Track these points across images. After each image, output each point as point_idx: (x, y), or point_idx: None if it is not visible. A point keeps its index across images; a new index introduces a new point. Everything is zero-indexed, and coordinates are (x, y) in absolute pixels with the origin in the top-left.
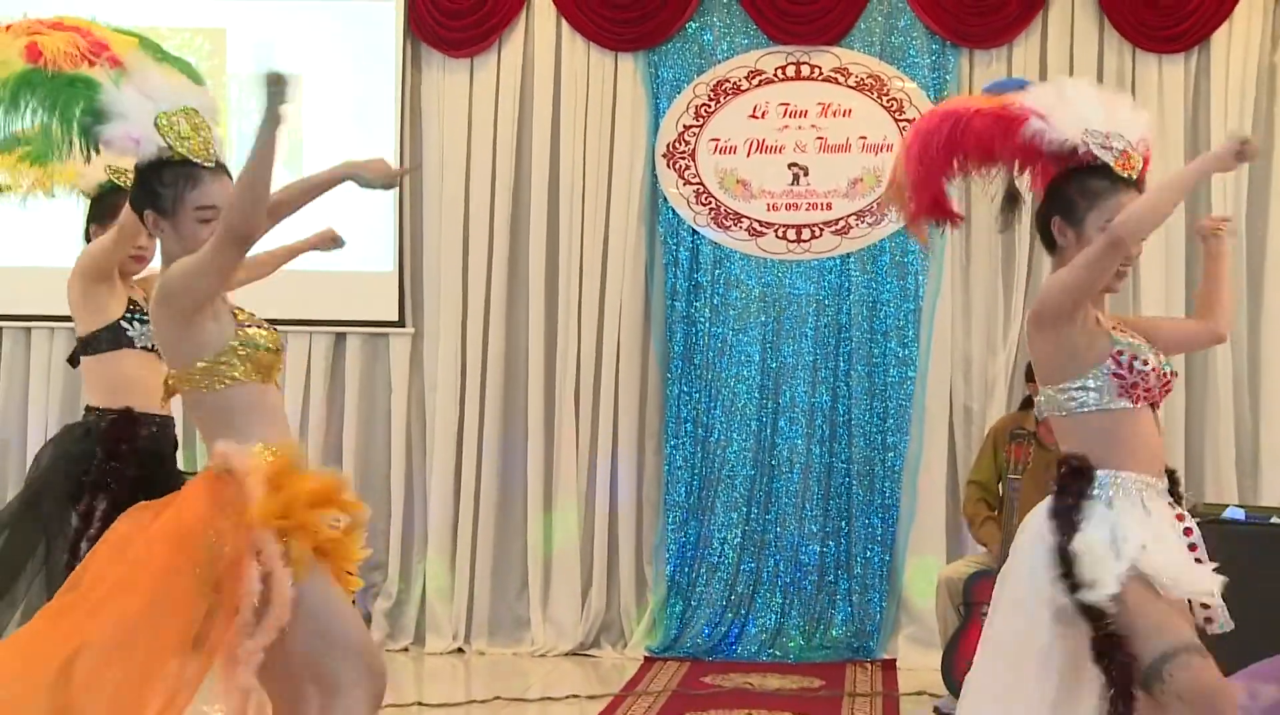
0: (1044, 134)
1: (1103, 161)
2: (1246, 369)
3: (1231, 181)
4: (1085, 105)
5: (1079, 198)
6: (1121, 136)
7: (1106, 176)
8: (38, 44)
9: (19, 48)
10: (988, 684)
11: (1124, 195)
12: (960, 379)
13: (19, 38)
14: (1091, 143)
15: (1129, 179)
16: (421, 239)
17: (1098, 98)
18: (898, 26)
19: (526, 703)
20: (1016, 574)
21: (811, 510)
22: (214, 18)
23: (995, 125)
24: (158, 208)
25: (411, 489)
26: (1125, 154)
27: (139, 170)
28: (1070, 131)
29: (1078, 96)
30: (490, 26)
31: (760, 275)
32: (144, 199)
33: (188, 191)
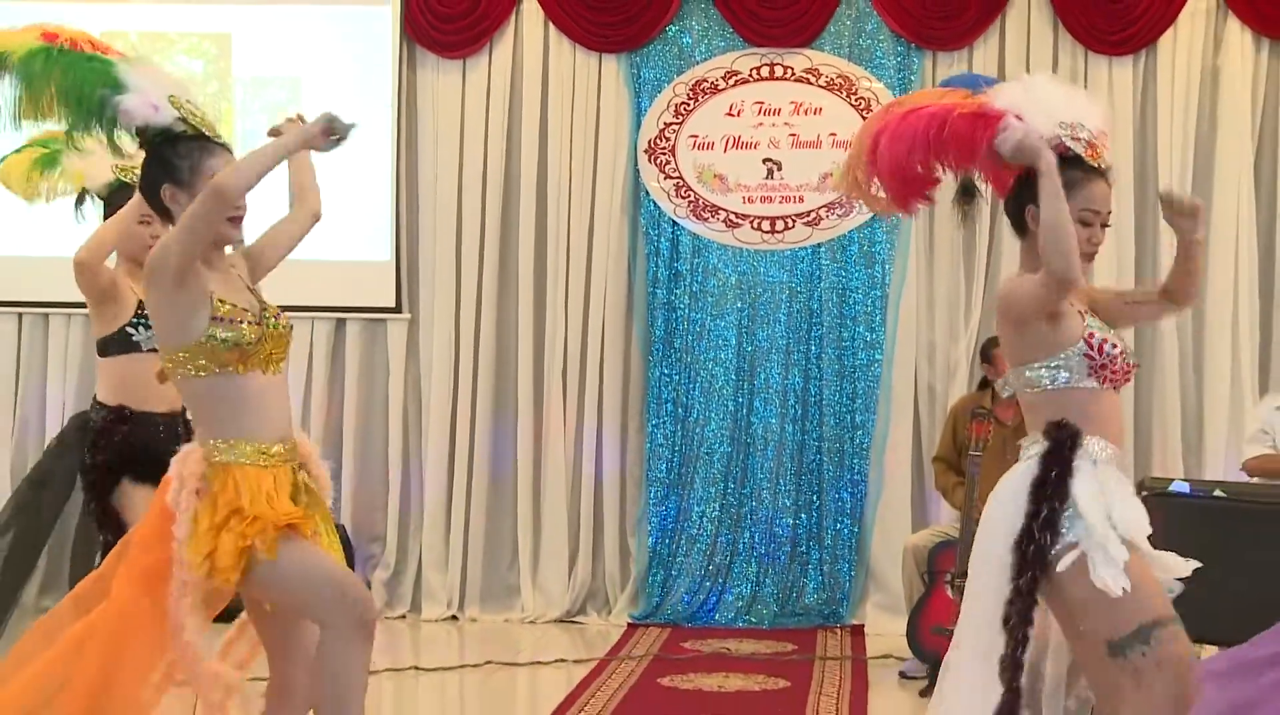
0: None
1: (1074, 152)
2: (1191, 351)
3: (1177, 174)
4: (1052, 100)
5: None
6: (1084, 126)
7: (1079, 166)
8: (56, 31)
9: (35, 34)
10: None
11: (1096, 186)
12: (924, 362)
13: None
14: (1064, 135)
15: (1100, 169)
16: (417, 230)
17: (1060, 91)
18: (865, 30)
19: (517, 667)
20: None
21: (785, 485)
22: (220, 23)
23: (976, 126)
24: (175, 179)
25: (408, 466)
26: (1091, 144)
27: (152, 148)
28: (1045, 127)
29: (1044, 92)
30: (481, 29)
31: (736, 264)
32: (160, 173)
33: (203, 161)
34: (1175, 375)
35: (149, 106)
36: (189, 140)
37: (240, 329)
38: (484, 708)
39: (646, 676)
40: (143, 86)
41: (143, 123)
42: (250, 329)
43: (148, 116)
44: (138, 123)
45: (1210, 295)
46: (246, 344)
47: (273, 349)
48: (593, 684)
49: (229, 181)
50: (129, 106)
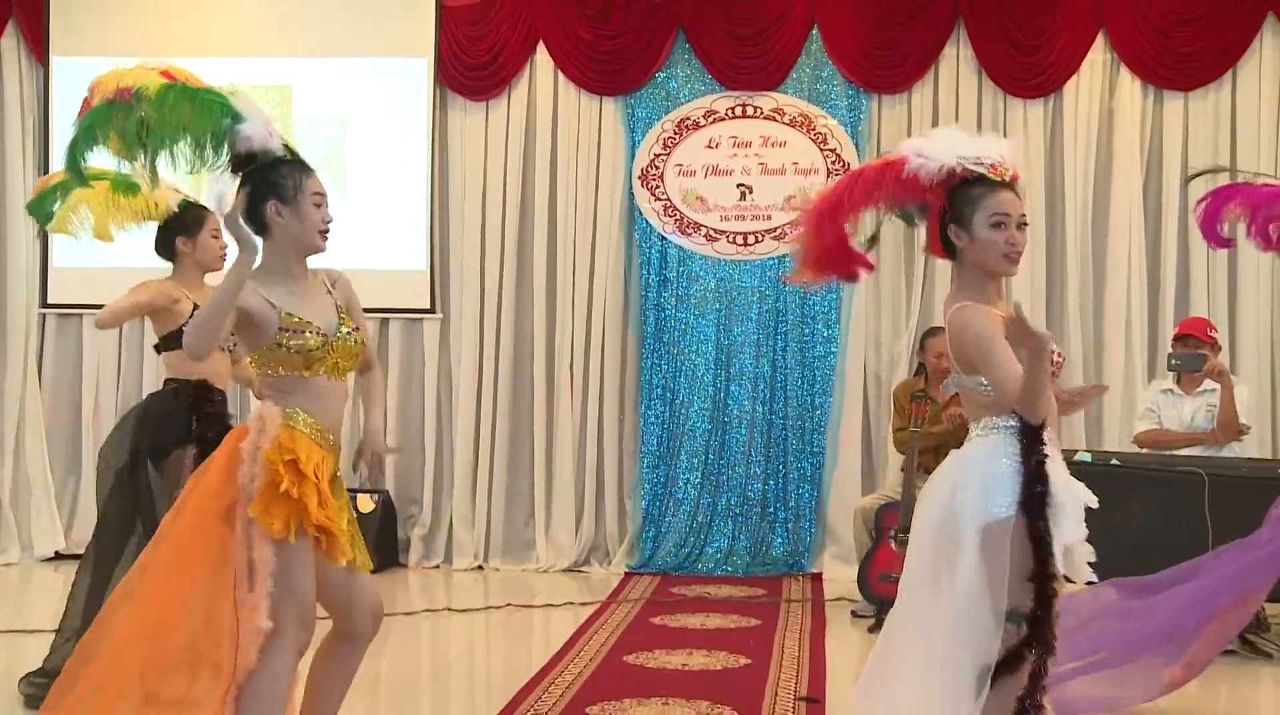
0: (923, 166)
1: (978, 174)
2: (1092, 343)
3: (1081, 196)
4: (954, 139)
5: (964, 206)
6: (991, 154)
7: (983, 183)
8: (170, 70)
9: (156, 73)
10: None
11: (1002, 194)
12: (871, 353)
13: (148, 70)
14: (964, 162)
15: (1003, 181)
16: (448, 244)
17: (964, 134)
18: (822, 76)
19: (533, 608)
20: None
21: (755, 456)
22: (282, 76)
23: (882, 173)
24: (281, 196)
25: (441, 441)
26: (994, 166)
27: (253, 173)
28: (944, 158)
29: (947, 134)
30: (501, 77)
31: (715, 272)
32: (266, 191)
33: (304, 180)
34: (1079, 364)
35: (266, 133)
36: (289, 163)
37: (305, 338)
38: (506, 642)
39: (641, 616)
40: (257, 116)
41: (261, 147)
42: (314, 339)
43: (265, 141)
44: (255, 147)
45: (1108, 298)
46: (310, 351)
47: (339, 359)
48: (596, 622)
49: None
50: (249, 133)
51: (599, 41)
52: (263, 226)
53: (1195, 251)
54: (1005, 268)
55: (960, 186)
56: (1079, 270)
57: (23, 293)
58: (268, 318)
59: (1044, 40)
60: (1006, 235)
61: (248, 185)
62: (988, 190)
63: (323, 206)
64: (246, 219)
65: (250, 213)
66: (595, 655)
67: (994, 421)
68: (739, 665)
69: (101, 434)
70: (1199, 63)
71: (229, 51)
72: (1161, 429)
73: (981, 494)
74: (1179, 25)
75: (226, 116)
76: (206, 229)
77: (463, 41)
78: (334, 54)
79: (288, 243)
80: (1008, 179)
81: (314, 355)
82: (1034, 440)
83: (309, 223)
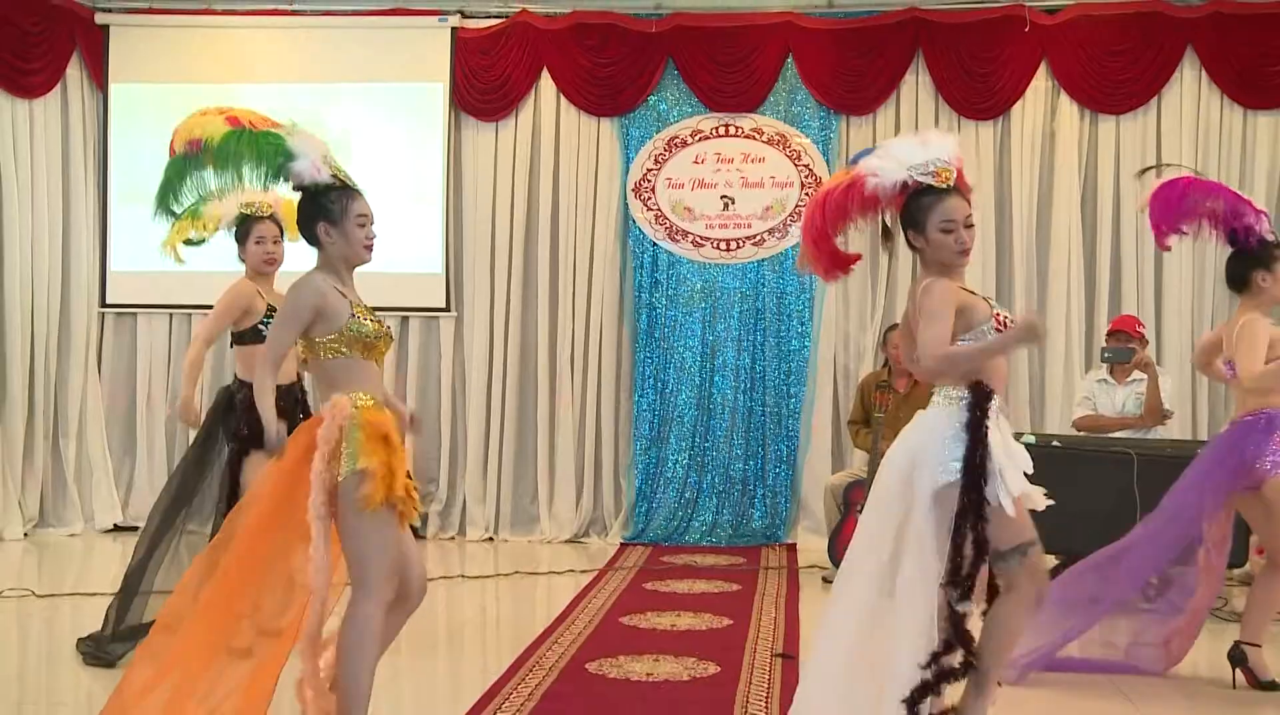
0: (879, 184)
1: (925, 183)
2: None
3: (1027, 208)
4: (904, 151)
5: (917, 213)
6: (937, 159)
7: (932, 192)
8: (235, 115)
9: (221, 120)
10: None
11: (948, 201)
12: (841, 348)
13: (217, 116)
14: (914, 174)
15: (948, 187)
16: (462, 249)
17: (913, 140)
18: (796, 99)
19: (537, 575)
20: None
21: (737, 440)
22: (314, 99)
23: (847, 193)
24: (329, 219)
25: (455, 426)
26: (937, 172)
27: (307, 196)
28: (897, 174)
29: (896, 149)
30: (510, 100)
31: (701, 274)
32: (316, 214)
33: (350, 204)
34: (1024, 353)
35: (314, 169)
36: (338, 189)
37: (368, 325)
38: (514, 606)
39: (634, 582)
40: (307, 152)
41: (310, 181)
42: (375, 326)
43: (314, 176)
44: (305, 182)
45: (1050, 296)
46: (371, 337)
47: (384, 346)
48: (594, 588)
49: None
50: (299, 169)
51: (597, 69)
52: (316, 241)
53: (1126, 257)
54: (958, 262)
55: (913, 197)
56: (1024, 273)
57: (84, 294)
58: (341, 307)
59: (993, 69)
60: (956, 236)
61: (304, 206)
62: (936, 199)
63: (366, 226)
64: (303, 234)
65: (304, 230)
66: (594, 617)
67: (950, 392)
68: (722, 625)
69: (154, 420)
70: (1128, 89)
71: (267, 78)
72: (1096, 414)
73: (934, 460)
74: (1110, 56)
75: (281, 156)
76: (251, 237)
77: (475, 69)
78: (362, 79)
79: (337, 256)
80: (953, 184)
81: (370, 341)
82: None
83: (354, 241)
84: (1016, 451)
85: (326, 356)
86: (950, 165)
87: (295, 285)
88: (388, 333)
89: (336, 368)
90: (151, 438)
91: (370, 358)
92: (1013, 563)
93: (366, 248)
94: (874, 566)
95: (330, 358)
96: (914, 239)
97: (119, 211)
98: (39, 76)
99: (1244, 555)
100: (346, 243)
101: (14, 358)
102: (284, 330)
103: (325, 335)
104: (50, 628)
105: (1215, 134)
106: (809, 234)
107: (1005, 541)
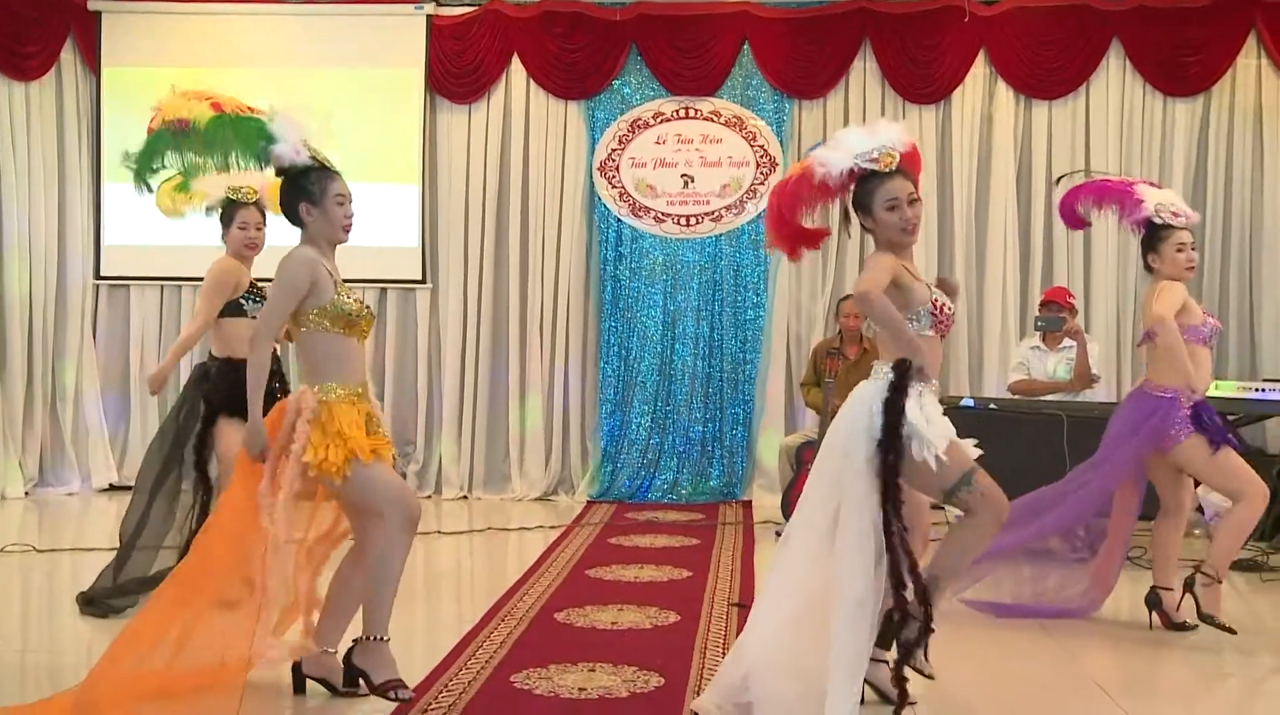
0: (827, 173)
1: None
2: (975, 309)
3: (966, 188)
4: (851, 140)
5: (865, 197)
6: (881, 146)
7: (876, 176)
8: (218, 101)
9: (205, 105)
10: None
11: (891, 182)
12: (793, 317)
13: (200, 100)
14: (859, 161)
15: (891, 170)
16: (437, 226)
17: (862, 130)
18: (751, 84)
19: (509, 531)
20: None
21: (696, 403)
22: (298, 84)
23: (799, 183)
24: (309, 199)
25: (432, 392)
26: (880, 158)
27: (289, 177)
28: (843, 163)
29: (846, 137)
30: (482, 84)
31: (663, 249)
32: (297, 195)
33: (329, 184)
34: (964, 324)
35: (294, 151)
36: (317, 171)
37: (350, 303)
38: (487, 559)
39: (600, 537)
40: (288, 136)
41: (290, 163)
42: (357, 305)
43: (293, 158)
44: (285, 164)
45: (987, 269)
46: (352, 314)
47: (365, 325)
48: (563, 543)
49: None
50: (279, 153)
51: (564, 55)
52: (299, 221)
53: (1058, 233)
54: (905, 239)
55: (860, 182)
56: (964, 248)
57: (79, 267)
58: (327, 282)
59: (935, 57)
60: (900, 214)
61: (286, 189)
62: (880, 181)
63: (345, 205)
64: (285, 215)
65: (287, 211)
66: (562, 570)
67: (882, 367)
68: (682, 577)
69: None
70: (1060, 77)
71: (253, 64)
72: (1030, 379)
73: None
74: (1042, 46)
75: (262, 139)
76: (235, 222)
77: (450, 54)
78: (343, 65)
79: (318, 235)
80: (896, 167)
81: (352, 318)
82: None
83: (333, 219)
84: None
85: (312, 329)
86: (893, 150)
87: (287, 258)
88: (369, 312)
89: (318, 345)
90: (144, 402)
91: (352, 335)
92: (962, 493)
93: (345, 227)
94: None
95: (314, 331)
96: (864, 221)
97: (112, 188)
98: (34, 60)
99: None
100: (326, 221)
101: (13, 327)
102: (282, 301)
103: (311, 309)
104: (51, 581)
105: (1138, 119)
106: (771, 222)
107: (948, 480)
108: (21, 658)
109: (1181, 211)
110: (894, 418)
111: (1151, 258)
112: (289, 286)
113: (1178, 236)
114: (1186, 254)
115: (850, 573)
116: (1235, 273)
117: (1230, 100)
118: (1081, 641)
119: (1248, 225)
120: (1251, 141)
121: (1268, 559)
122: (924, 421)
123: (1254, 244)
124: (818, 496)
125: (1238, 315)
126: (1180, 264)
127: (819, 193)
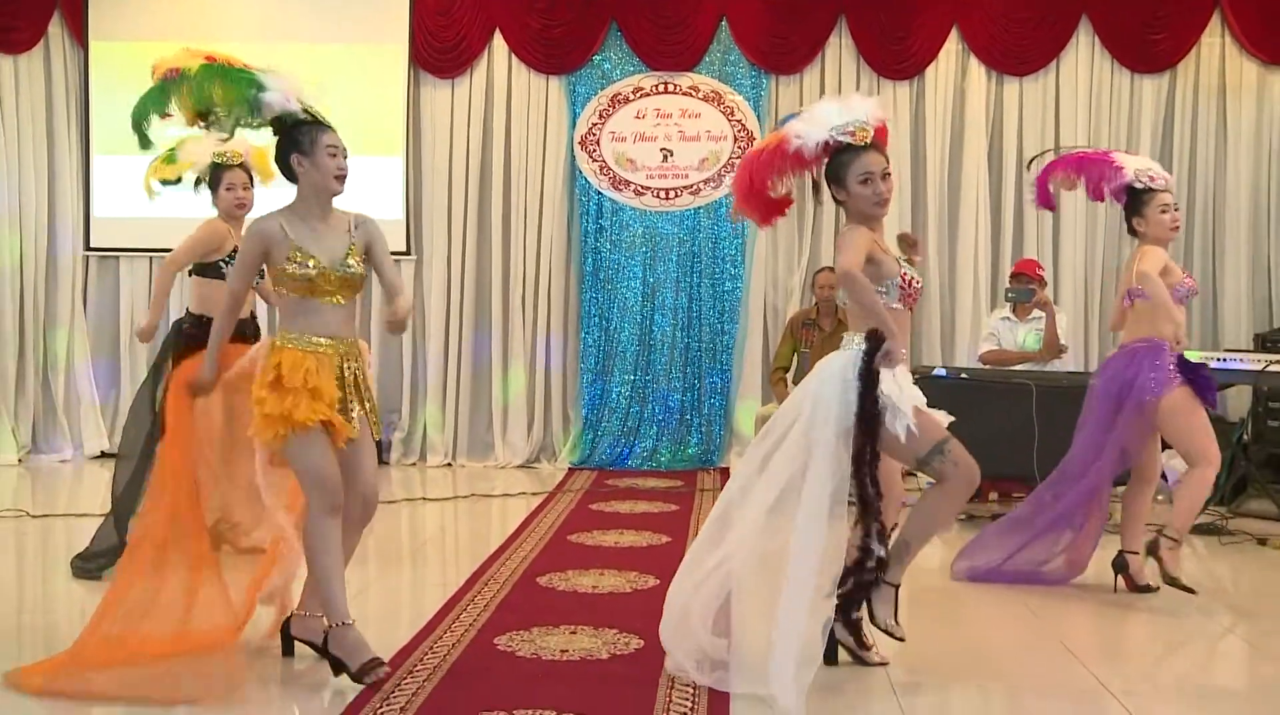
0: (802, 145)
1: (845, 143)
2: (948, 281)
3: (938, 163)
4: (826, 113)
5: (839, 169)
6: (855, 120)
7: (851, 149)
8: (213, 55)
9: (200, 57)
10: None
11: (865, 156)
12: (770, 289)
13: (195, 55)
14: (834, 134)
15: (865, 144)
16: (421, 197)
17: (836, 103)
18: (729, 59)
19: (492, 497)
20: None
21: (675, 373)
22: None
23: (774, 153)
24: (301, 150)
25: (416, 361)
26: (854, 132)
27: (282, 130)
28: (818, 135)
29: (820, 109)
30: (465, 59)
31: (642, 221)
32: (289, 147)
33: (320, 136)
34: (935, 295)
35: (285, 100)
36: (309, 124)
37: (306, 269)
38: (471, 526)
39: (581, 503)
40: (279, 87)
41: (281, 111)
42: (314, 270)
43: (284, 106)
44: (276, 112)
45: (959, 241)
46: (307, 279)
47: (336, 289)
48: (545, 508)
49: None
50: (269, 100)
51: (546, 30)
52: (291, 173)
53: (1028, 206)
54: (877, 212)
55: (835, 155)
56: (937, 221)
57: (69, 239)
58: (280, 245)
59: (909, 33)
60: (874, 187)
61: (279, 143)
62: (854, 155)
63: (337, 156)
64: (280, 168)
65: (281, 166)
66: (544, 535)
67: (853, 339)
68: (661, 542)
69: (137, 355)
70: (1030, 53)
71: (240, 39)
72: (1000, 349)
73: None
74: (1014, 23)
75: (252, 88)
76: (223, 184)
77: (433, 29)
78: (328, 40)
79: (311, 187)
80: (870, 141)
81: (314, 283)
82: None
83: (325, 170)
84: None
85: (278, 290)
86: (867, 124)
87: (244, 231)
88: (339, 274)
89: (284, 303)
90: (135, 372)
91: (315, 296)
92: (935, 462)
93: (338, 178)
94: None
95: (280, 291)
96: (836, 193)
97: (101, 161)
98: (22, 34)
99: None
100: (318, 172)
101: (4, 298)
102: (240, 268)
103: (272, 275)
104: (45, 545)
105: (1106, 95)
106: (740, 190)
107: (922, 448)
108: (18, 618)
109: (1159, 174)
110: (870, 388)
111: (1137, 222)
112: (242, 258)
113: (1160, 198)
114: (1171, 214)
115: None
116: (1199, 245)
117: (1195, 77)
118: (1049, 604)
119: (1211, 199)
120: (1215, 117)
121: (1226, 523)
122: (898, 391)
123: (1216, 217)
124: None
125: (1201, 287)
126: (1165, 225)
127: (792, 163)
